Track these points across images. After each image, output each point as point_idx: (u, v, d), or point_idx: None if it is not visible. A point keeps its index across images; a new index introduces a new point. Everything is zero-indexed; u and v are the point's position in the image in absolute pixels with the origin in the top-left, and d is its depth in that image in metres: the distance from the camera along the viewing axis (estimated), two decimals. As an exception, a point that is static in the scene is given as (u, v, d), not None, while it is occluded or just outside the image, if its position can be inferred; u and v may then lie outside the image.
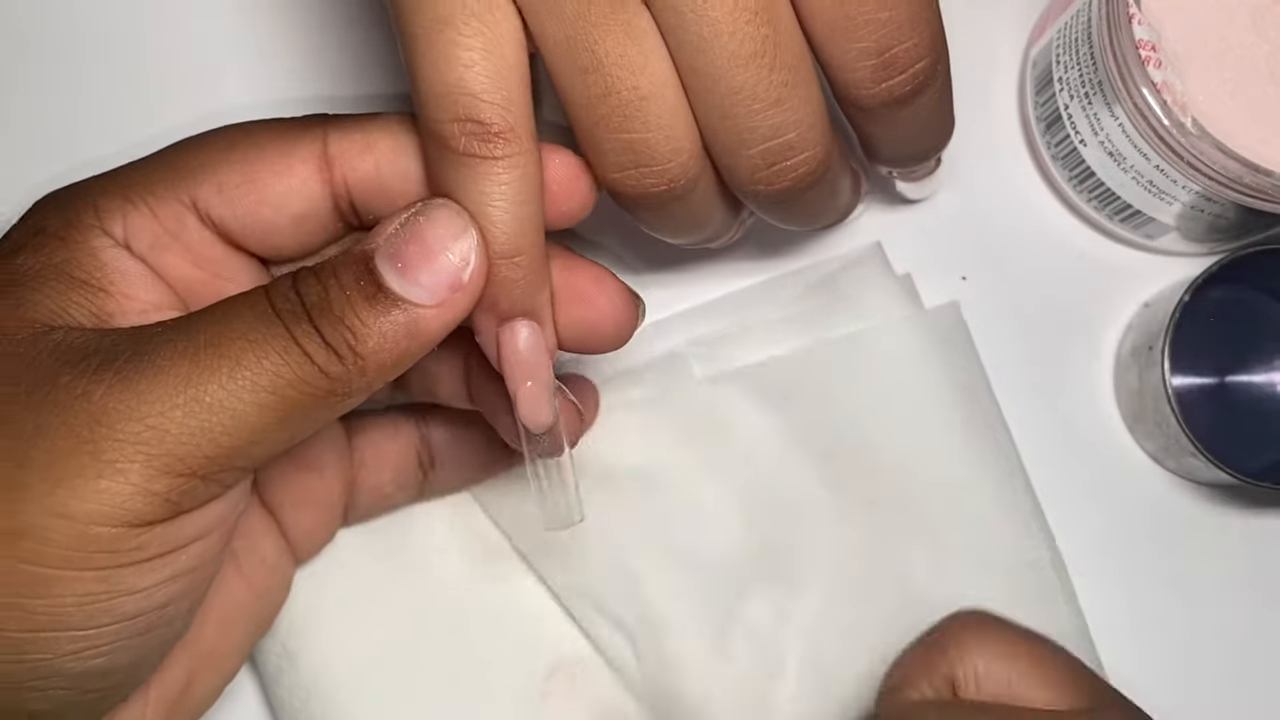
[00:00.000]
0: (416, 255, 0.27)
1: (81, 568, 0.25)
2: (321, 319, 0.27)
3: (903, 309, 0.39)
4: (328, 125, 0.30)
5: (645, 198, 0.29)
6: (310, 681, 0.36)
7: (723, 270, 0.40)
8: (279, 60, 0.40)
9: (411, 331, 0.27)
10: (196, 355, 0.26)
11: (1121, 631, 0.39)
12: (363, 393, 0.27)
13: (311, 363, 0.26)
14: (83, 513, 0.25)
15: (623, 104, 0.27)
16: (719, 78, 0.27)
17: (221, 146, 0.30)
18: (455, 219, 0.27)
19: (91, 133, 0.39)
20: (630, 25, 0.27)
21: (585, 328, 0.31)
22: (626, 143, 0.28)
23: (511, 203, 0.27)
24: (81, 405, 0.26)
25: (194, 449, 0.26)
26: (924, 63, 0.28)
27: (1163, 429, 0.38)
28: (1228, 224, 0.38)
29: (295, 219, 0.30)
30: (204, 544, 0.28)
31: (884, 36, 0.28)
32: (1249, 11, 0.35)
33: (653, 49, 0.27)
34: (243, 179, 0.29)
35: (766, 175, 0.29)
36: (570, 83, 0.28)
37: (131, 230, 0.29)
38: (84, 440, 0.25)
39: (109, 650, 0.27)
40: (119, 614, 0.26)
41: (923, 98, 0.29)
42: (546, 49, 0.27)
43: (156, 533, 0.26)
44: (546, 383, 0.29)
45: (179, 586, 0.27)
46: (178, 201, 0.29)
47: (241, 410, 0.26)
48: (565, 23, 0.27)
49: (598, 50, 0.27)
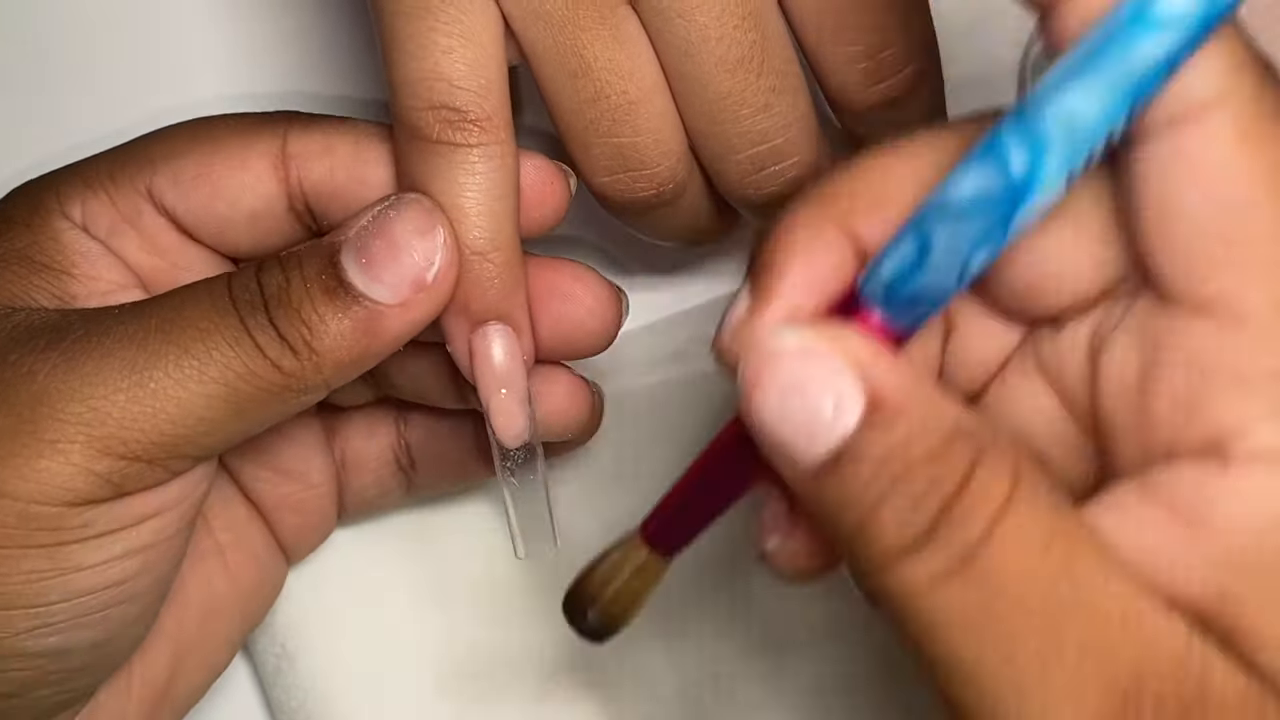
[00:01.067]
0: (381, 251, 0.26)
1: (25, 545, 0.25)
2: (277, 310, 0.26)
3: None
4: (290, 124, 0.30)
5: (635, 202, 0.29)
6: (308, 682, 0.36)
7: (723, 271, 0.40)
8: (257, 56, 0.40)
9: (371, 330, 0.26)
10: (145, 339, 0.26)
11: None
12: (321, 389, 0.27)
13: (263, 355, 0.26)
14: (23, 491, 0.25)
15: (612, 108, 0.27)
16: (706, 83, 0.27)
17: (184, 139, 0.30)
18: (425, 215, 0.27)
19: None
20: (618, 30, 0.27)
21: (569, 326, 0.30)
22: (615, 147, 0.28)
23: (485, 195, 0.27)
24: (25, 384, 0.25)
25: (137, 433, 0.25)
26: (914, 66, 0.29)
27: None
28: (1229, 224, 0.37)
29: (249, 215, 0.29)
30: (160, 521, 0.27)
31: (874, 41, 0.28)
32: (1248, 11, 0.35)
33: (641, 53, 0.27)
34: (198, 171, 0.29)
35: (755, 180, 0.29)
36: (559, 88, 0.28)
37: (89, 215, 0.29)
38: (25, 420, 0.25)
39: (65, 627, 0.26)
40: (70, 590, 0.26)
41: (913, 101, 0.29)
42: (534, 54, 0.27)
43: (101, 511, 0.26)
44: (521, 392, 0.29)
45: (134, 564, 0.27)
46: (134, 190, 0.29)
47: (187, 399, 0.26)
48: (553, 27, 0.27)
49: (586, 55, 0.27)
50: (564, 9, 0.27)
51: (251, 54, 0.40)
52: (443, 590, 0.37)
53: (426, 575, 0.37)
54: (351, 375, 0.27)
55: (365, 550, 0.37)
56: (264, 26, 0.40)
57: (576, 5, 0.27)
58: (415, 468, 0.35)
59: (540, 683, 0.37)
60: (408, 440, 0.35)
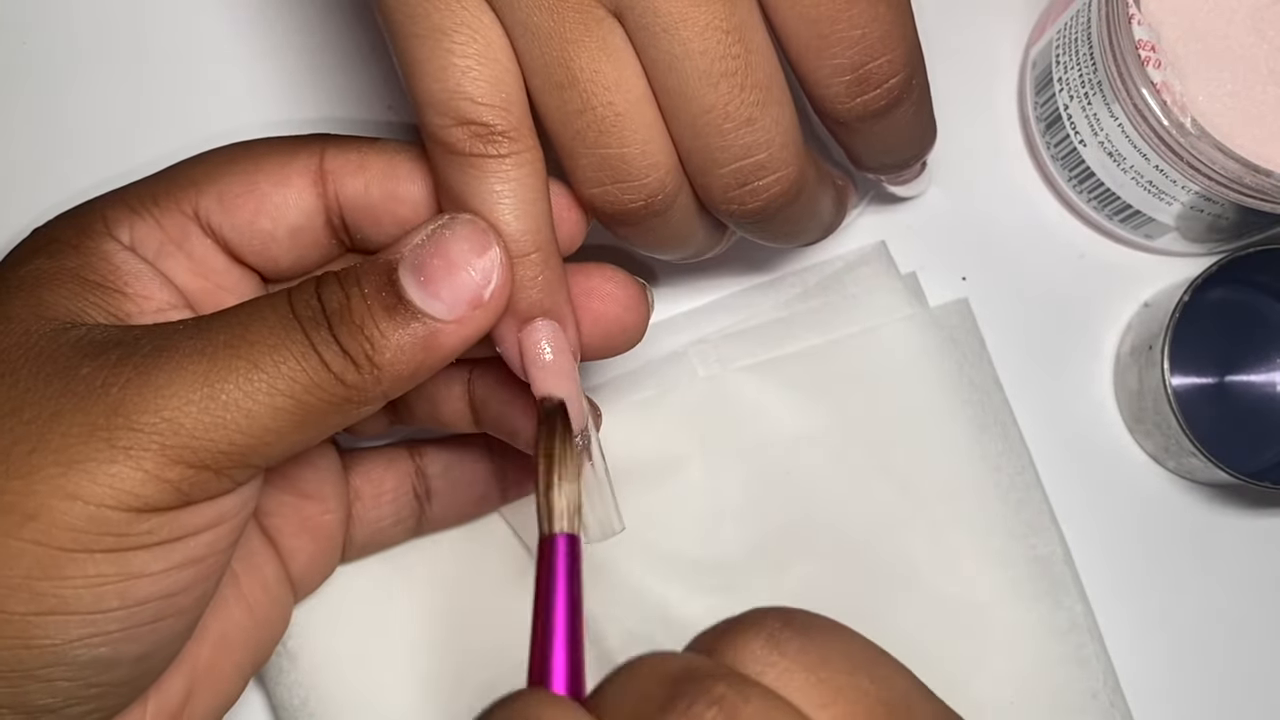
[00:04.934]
0: (439, 269, 0.27)
1: (91, 549, 0.26)
2: (340, 327, 0.27)
3: (910, 307, 0.39)
4: (326, 142, 0.31)
5: (623, 214, 0.29)
6: (310, 680, 0.37)
7: (724, 272, 0.40)
8: (277, 85, 0.41)
9: (429, 345, 0.27)
10: (215, 354, 0.27)
11: (1121, 631, 0.39)
12: (379, 400, 0.28)
13: (328, 370, 0.27)
14: (94, 495, 0.26)
15: (598, 120, 0.28)
16: (690, 96, 0.27)
17: (223, 161, 0.31)
18: (480, 235, 0.28)
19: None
20: (605, 42, 0.27)
21: (607, 323, 0.31)
22: (602, 158, 0.28)
23: (521, 200, 0.28)
24: (100, 396, 0.26)
25: (208, 443, 0.26)
26: (898, 78, 0.29)
27: (1162, 429, 0.38)
28: (1228, 224, 0.37)
29: (291, 231, 0.30)
30: (214, 534, 0.28)
31: (858, 53, 0.28)
32: (1249, 11, 0.35)
33: (628, 66, 0.28)
34: (243, 189, 0.30)
35: (739, 194, 0.29)
36: (547, 99, 0.28)
37: (138, 238, 0.30)
38: (100, 428, 0.26)
39: (117, 638, 0.27)
40: (128, 598, 0.27)
41: (898, 110, 0.29)
42: (522, 64, 0.28)
43: (166, 519, 0.26)
44: (575, 381, 0.29)
45: (188, 575, 0.28)
46: (180, 212, 0.30)
47: (256, 410, 0.26)
48: (540, 39, 0.27)
49: (573, 66, 0.27)
50: (551, 21, 0.27)
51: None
52: (443, 590, 0.38)
53: (426, 575, 0.38)
54: (407, 388, 0.28)
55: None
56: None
57: (563, 18, 0.27)
58: (431, 498, 0.36)
59: (540, 680, 0.38)
60: (425, 470, 0.36)
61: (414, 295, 0.27)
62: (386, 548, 0.37)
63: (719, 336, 0.39)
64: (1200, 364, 0.40)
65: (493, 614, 0.38)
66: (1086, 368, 0.41)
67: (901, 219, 0.41)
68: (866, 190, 0.39)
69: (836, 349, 0.39)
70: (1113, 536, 0.40)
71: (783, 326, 0.39)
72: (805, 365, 0.39)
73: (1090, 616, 0.39)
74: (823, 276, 0.40)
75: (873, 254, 0.40)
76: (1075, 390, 0.41)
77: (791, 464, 0.38)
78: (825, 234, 0.34)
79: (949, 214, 0.41)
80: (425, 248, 0.28)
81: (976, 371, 0.39)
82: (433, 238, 0.28)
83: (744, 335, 0.39)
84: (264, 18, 0.41)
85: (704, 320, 0.40)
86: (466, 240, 0.28)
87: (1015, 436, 0.39)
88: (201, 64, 0.41)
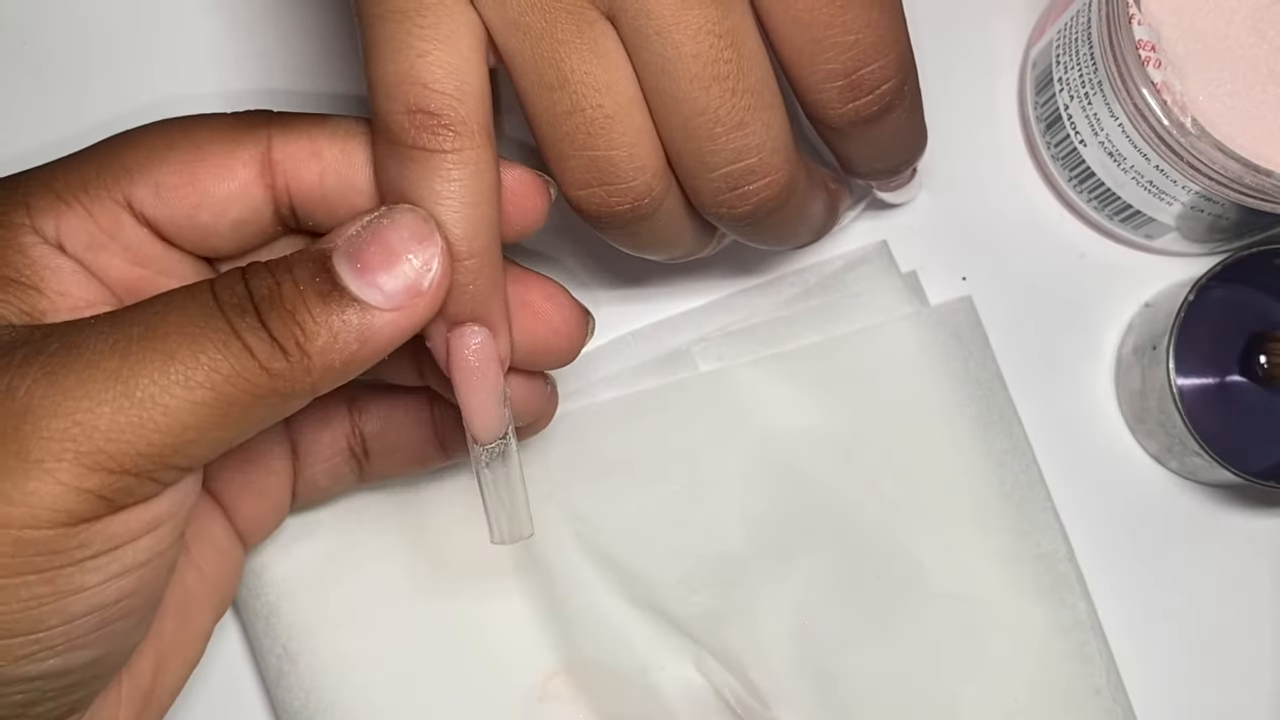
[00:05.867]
0: (377, 257, 0.26)
1: (23, 572, 0.24)
2: (270, 313, 0.26)
3: (912, 305, 0.39)
4: (272, 126, 0.29)
5: (610, 215, 0.29)
6: (310, 682, 0.37)
7: (724, 271, 0.40)
8: (226, 50, 0.40)
9: (364, 335, 0.26)
10: (128, 348, 0.25)
11: (1123, 631, 0.39)
12: (306, 394, 0.26)
13: (252, 357, 0.25)
14: (13, 518, 0.24)
15: (587, 121, 0.27)
16: (682, 100, 0.27)
17: (160, 145, 0.29)
18: (422, 224, 0.27)
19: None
20: (596, 44, 0.27)
21: (534, 341, 0.30)
22: (590, 160, 0.28)
23: (460, 201, 0.27)
24: (4, 401, 0.24)
25: (125, 446, 0.25)
26: (891, 84, 0.28)
27: (1166, 429, 0.38)
28: (1228, 224, 0.37)
29: (234, 224, 0.29)
30: (152, 538, 0.26)
31: (851, 59, 0.28)
32: (1249, 12, 0.35)
33: (618, 68, 0.27)
34: (181, 181, 0.28)
35: (729, 198, 0.29)
36: (536, 99, 0.28)
37: (65, 230, 0.28)
38: (8, 440, 0.24)
39: (63, 650, 0.26)
40: (68, 614, 0.25)
41: (890, 117, 0.29)
42: (513, 64, 0.28)
43: (97, 529, 0.25)
44: (497, 391, 0.29)
45: (131, 581, 0.26)
46: (113, 200, 0.28)
47: (174, 406, 0.25)
48: (531, 39, 0.27)
49: (563, 67, 0.27)
50: (543, 21, 0.27)
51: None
52: (442, 590, 0.38)
53: (426, 575, 0.38)
54: (336, 383, 0.27)
55: (365, 550, 0.38)
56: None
57: (555, 18, 0.27)
58: (369, 456, 0.35)
59: (540, 682, 0.38)
60: (362, 430, 0.35)
61: (350, 282, 0.26)
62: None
63: (721, 334, 0.39)
64: (1202, 364, 0.40)
65: (495, 616, 0.38)
66: (1087, 368, 0.41)
67: (902, 219, 0.41)
68: (863, 194, 0.39)
69: (839, 346, 0.39)
70: (1114, 537, 0.40)
71: (785, 324, 0.39)
72: (808, 362, 0.39)
73: (1093, 614, 0.38)
74: (824, 275, 0.40)
75: (874, 253, 0.40)
76: (1075, 390, 0.41)
77: (794, 460, 0.38)
78: (817, 237, 0.34)
79: (949, 214, 0.41)
80: (362, 236, 0.26)
81: (981, 369, 0.39)
82: (370, 227, 0.27)
83: (746, 333, 0.39)
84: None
85: (705, 319, 0.40)
86: (407, 229, 0.26)
87: (1019, 434, 0.39)
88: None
